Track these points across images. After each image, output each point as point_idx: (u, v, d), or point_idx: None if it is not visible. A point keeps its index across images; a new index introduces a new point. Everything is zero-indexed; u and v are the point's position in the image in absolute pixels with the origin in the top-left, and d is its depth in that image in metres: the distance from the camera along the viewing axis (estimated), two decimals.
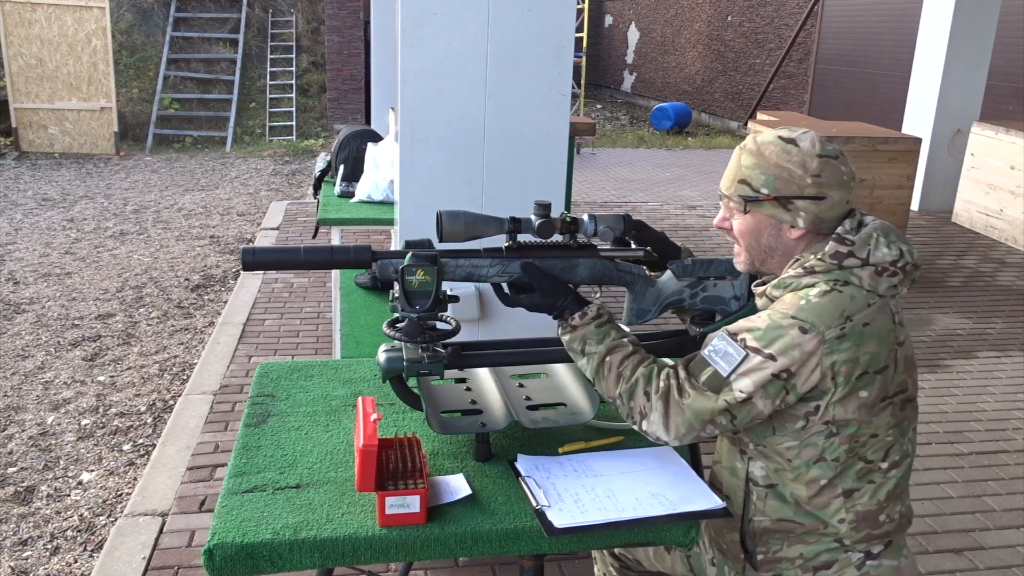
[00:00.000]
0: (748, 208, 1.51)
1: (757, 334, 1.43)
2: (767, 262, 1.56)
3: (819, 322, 1.40)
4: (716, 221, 1.61)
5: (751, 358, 1.42)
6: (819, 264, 1.45)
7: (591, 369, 1.56)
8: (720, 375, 1.44)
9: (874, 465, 1.50)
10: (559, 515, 1.44)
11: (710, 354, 1.47)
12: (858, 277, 1.44)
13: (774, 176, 1.47)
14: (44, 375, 4.24)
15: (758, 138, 1.52)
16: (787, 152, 1.47)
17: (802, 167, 1.46)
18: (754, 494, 1.56)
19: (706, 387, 1.45)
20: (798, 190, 1.46)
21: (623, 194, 8.79)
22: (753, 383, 1.41)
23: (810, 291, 1.44)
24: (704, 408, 1.45)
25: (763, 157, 1.49)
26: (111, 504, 3.15)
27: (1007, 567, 2.77)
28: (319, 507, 1.46)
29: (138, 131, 11.86)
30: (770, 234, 1.52)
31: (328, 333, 4.59)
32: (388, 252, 1.56)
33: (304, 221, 7.05)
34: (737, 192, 1.52)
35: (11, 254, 6.30)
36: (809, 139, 1.48)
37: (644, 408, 1.49)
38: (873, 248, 1.45)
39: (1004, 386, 4.20)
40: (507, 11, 2.58)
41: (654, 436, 1.49)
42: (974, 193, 7.23)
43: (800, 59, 12.71)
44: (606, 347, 1.55)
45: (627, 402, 1.51)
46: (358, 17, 12.55)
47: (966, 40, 7.50)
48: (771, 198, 1.48)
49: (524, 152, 2.72)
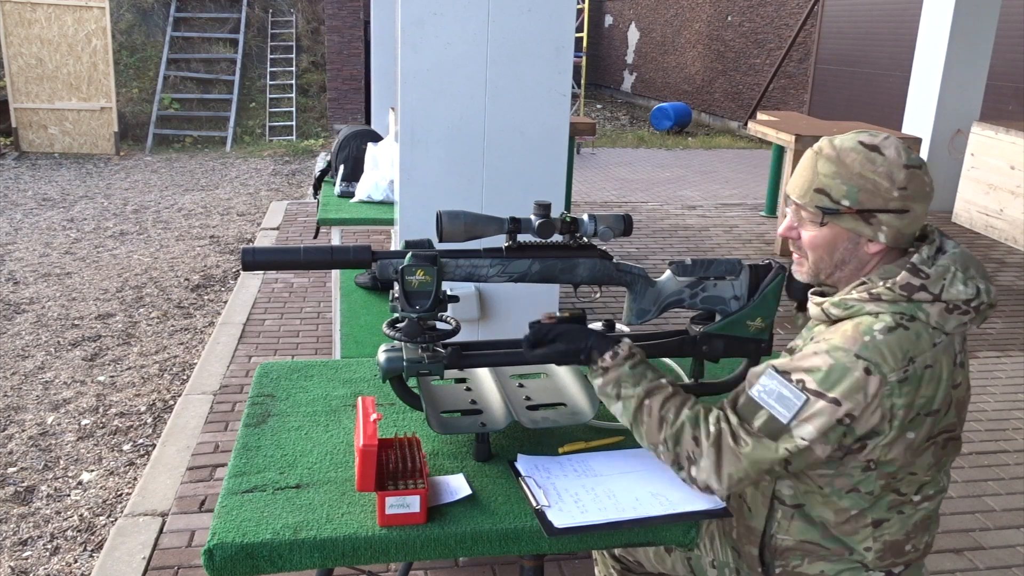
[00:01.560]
0: (825, 220, 1.39)
1: (818, 376, 1.32)
2: (835, 275, 1.45)
3: (883, 363, 1.30)
4: (781, 229, 1.49)
5: (813, 402, 1.31)
6: (887, 293, 1.35)
7: (628, 414, 1.47)
8: (779, 421, 1.33)
9: (906, 498, 1.44)
10: (559, 515, 1.44)
11: (760, 396, 1.36)
12: (926, 313, 1.34)
13: (857, 187, 1.36)
14: (44, 375, 4.24)
15: (836, 143, 1.40)
16: (872, 161, 1.36)
17: (888, 179, 1.35)
18: (779, 512, 1.51)
19: (763, 434, 1.34)
20: (883, 203, 1.35)
21: (623, 194, 8.79)
22: (816, 429, 1.31)
23: (875, 325, 1.33)
24: (763, 458, 1.34)
25: (844, 165, 1.37)
26: (111, 504, 3.15)
27: (1007, 567, 2.77)
28: (319, 507, 1.46)
29: (138, 131, 11.86)
30: (846, 248, 1.41)
31: (328, 333, 4.59)
32: (388, 252, 1.56)
33: (304, 221, 7.05)
34: (814, 202, 1.40)
35: (11, 254, 6.30)
36: (894, 147, 1.37)
37: (692, 453, 1.39)
38: (948, 283, 1.34)
39: (1004, 386, 4.20)
40: (507, 11, 2.58)
41: (703, 484, 1.40)
42: (974, 193, 7.23)
43: (800, 59, 12.71)
44: (644, 389, 1.45)
45: (672, 448, 1.41)
46: (358, 17, 12.55)
47: (966, 40, 7.50)
48: (853, 211, 1.37)
49: (524, 152, 2.72)
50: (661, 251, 6.39)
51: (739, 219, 7.47)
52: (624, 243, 6.38)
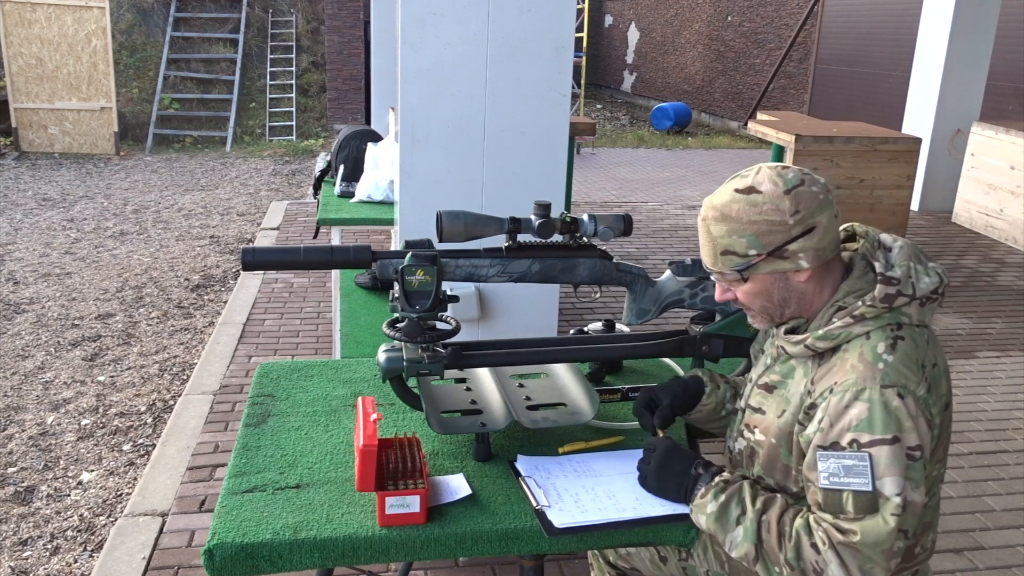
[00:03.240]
0: (745, 275, 1.40)
1: (863, 426, 1.28)
2: (784, 313, 1.46)
3: (907, 381, 1.30)
4: (718, 296, 1.50)
5: (877, 454, 1.27)
6: (869, 311, 1.35)
7: (749, 535, 1.36)
8: (865, 492, 1.27)
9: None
10: (559, 515, 1.44)
11: (831, 481, 1.30)
12: (907, 316, 1.35)
13: (755, 234, 1.36)
14: (44, 375, 4.24)
15: (715, 202, 1.40)
16: (753, 204, 1.36)
17: (777, 212, 1.35)
18: None
19: (861, 513, 1.27)
20: (785, 236, 1.35)
21: (623, 194, 8.79)
22: (899, 476, 1.26)
23: (877, 347, 1.32)
24: (880, 534, 1.26)
25: (732, 219, 1.37)
26: (111, 504, 3.15)
27: (1007, 567, 2.77)
28: (319, 507, 1.46)
29: (138, 131, 11.86)
30: (779, 288, 1.41)
31: (328, 333, 4.59)
32: (388, 252, 1.56)
33: (304, 221, 7.05)
34: (727, 265, 1.41)
35: (11, 254, 6.30)
36: (767, 179, 1.36)
37: (817, 563, 1.30)
38: (916, 281, 1.36)
39: (1004, 386, 4.20)
40: (507, 11, 2.58)
41: None
42: (974, 193, 7.23)
43: (800, 59, 12.71)
44: (761, 504, 1.37)
45: (797, 564, 1.32)
46: (358, 17, 12.56)
47: (966, 40, 7.50)
48: (764, 256, 1.37)
49: (524, 152, 2.72)
50: (661, 251, 6.39)
51: None
52: (624, 243, 6.38)
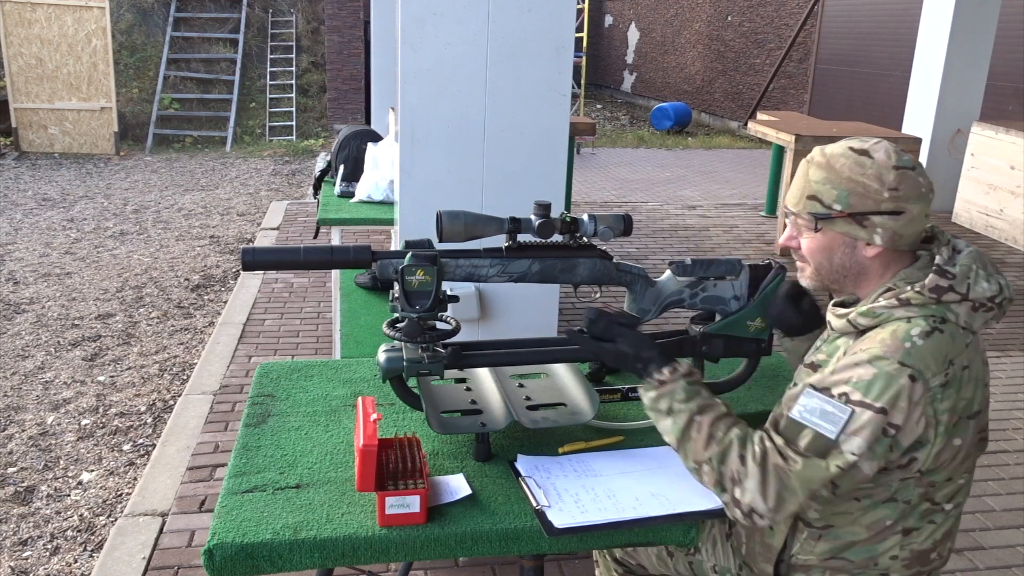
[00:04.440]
0: (820, 226, 1.41)
1: (860, 386, 1.30)
2: (839, 282, 1.46)
3: (926, 368, 1.29)
4: (782, 240, 1.51)
5: (859, 414, 1.29)
6: (916, 297, 1.34)
7: (677, 429, 1.43)
8: (826, 437, 1.31)
9: (939, 507, 1.42)
10: (559, 515, 1.44)
11: (803, 415, 1.34)
12: (955, 314, 1.34)
13: (848, 191, 1.37)
14: (44, 375, 4.24)
15: (826, 150, 1.43)
16: (860, 165, 1.38)
17: (878, 180, 1.36)
18: (804, 533, 1.48)
19: (811, 452, 1.32)
20: (874, 205, 1.36)
21: (623, 194, 8.79)
22: (865, 441, 1.29)
23: (912, 330, 1.32)
24: (813, 477, 1.31)
25: (834, 171, 1.39)
26: (111, 504, 3.15)
27: (1007, 567, 2.77)
28: (319, 507, 1.46)
29: (138, 131, 11.86)
30: (844, 252, 1.42)
31: (328, 333, 4.59)
32: (388, 252, 1.56)
33: (304, 221, 7.05)
34: (807, 209, 1.42)
35: (11, 254, 6.30)
36: (883, 150, 1.39)
37: (737, 473, 1.35)
38: (973, 282, 1.35)
39: (1004, 386, 4.20)
40: (507, 11, 2.58)
41: (747, 507, 1.35)
42: (974, 193, 7.23)
43: (800, 59, 12.71)
44: (697, 405, 1.43)
45: (717, 467, 1.37)
46: (358, 17, 12.56)
47: (966, 40, 7.49)
48: (845, 215, 1.38)
49: (524, 152, 2.72)
50: (661, 251, 6.39)
51: (739, 219, 7.47)
52: (624, 243, 6.38)
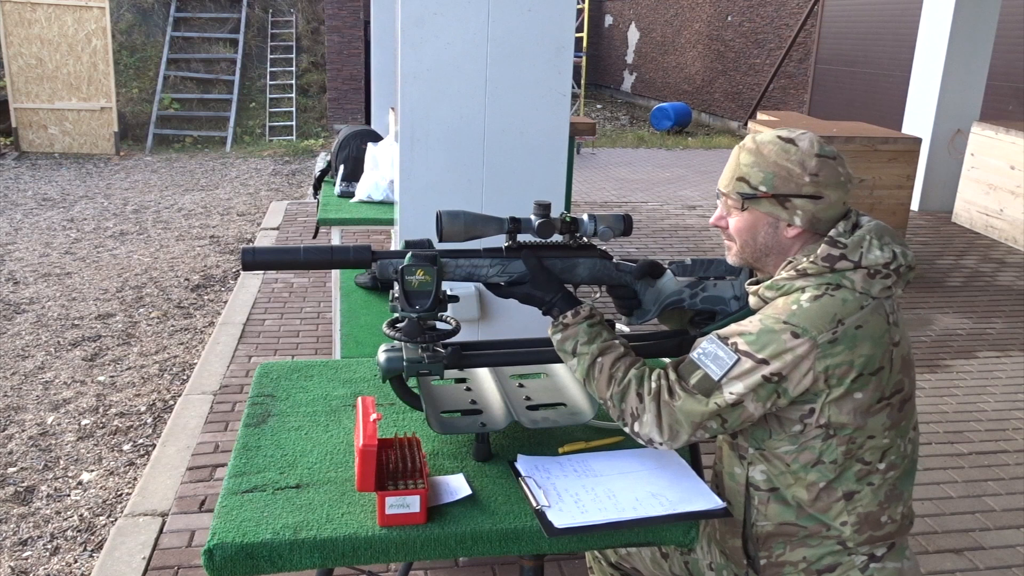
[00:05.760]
0: (746, 205, 1.52)
1: (749, 338, 1.44)
2: (762, 260, 1.57)
3: (811, 327, 1.41)
4: (712, 219, 1.62)
5: (743, 362, 1.43)
6: (811, 267, 1.47)
7: (581, 370, 1.56)
8: (711, 378, 1.45)
9: (872, 467, 1.50)
10: (559, 515, 1.44)
11: (700, 357, 1.48)
12: (850, 280, 1.45)
13: (772, 174, 1.49)
14: (44, 375, 4.24)
15: (757, 137, 1.54)
16: (786, 151, 1.49)
17: (800, 166, 1.47)
18: (755, 499, 1.56)
19: (696, 390, 1.46)
20: (796, 188, 1.48)
21: (623, 194, 8.79)
22: (744, 386, 1.43)
23: (801, 296, 1.45)
24: (695, 411, 1.46)
25: (762, 155, 1.50)
26: (111, 504, 3.15)
27: (1007, 567, 2.77)
28: (319, 507, 1.46)
29: (138, 131, 11.86)
30: (767, 232, 1.53)
31: (328, 333, 4.59)
32: (388, 252, 1.56)
33: (304, 221, 7.05)
34: (735, 189, 1.53)
35: (11, 254, 6.30)
36: (808, 139, 1.50)
37: (636, 409, 1.50)
38: (866, 251, 1.46)
39: (1004, 386, 4.20)
40: (507, 11, 2.58)
41: (646, 438, 1.49)
42: (974, 193, 7.23)
43: (800, 59, 12.71)
44: (598, 347, 1.55)
45: (619, 404, 1.52)
46: (358, 17, 12.56)
47: (966, 40, 7.50)
48: (769, 195, 1.49)
49: (524, 152, 2.72)
50: (661, 251, 6.39)
51: None
52: (624, 243, 6.38)
